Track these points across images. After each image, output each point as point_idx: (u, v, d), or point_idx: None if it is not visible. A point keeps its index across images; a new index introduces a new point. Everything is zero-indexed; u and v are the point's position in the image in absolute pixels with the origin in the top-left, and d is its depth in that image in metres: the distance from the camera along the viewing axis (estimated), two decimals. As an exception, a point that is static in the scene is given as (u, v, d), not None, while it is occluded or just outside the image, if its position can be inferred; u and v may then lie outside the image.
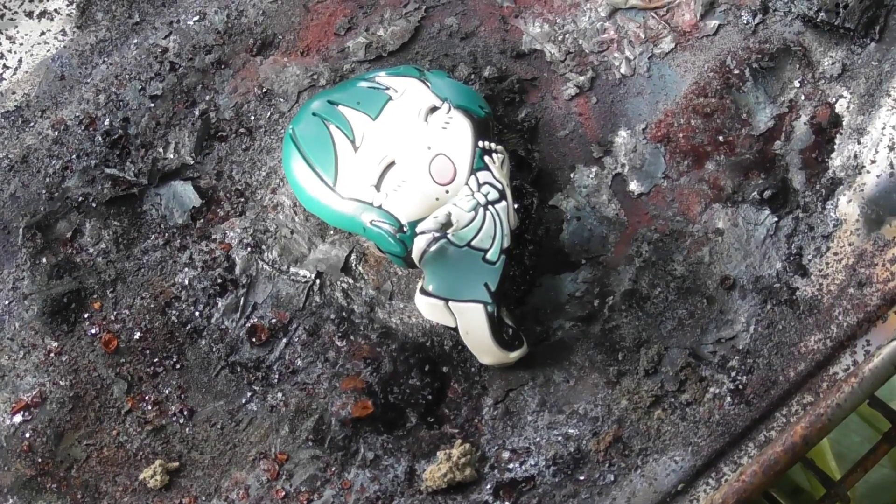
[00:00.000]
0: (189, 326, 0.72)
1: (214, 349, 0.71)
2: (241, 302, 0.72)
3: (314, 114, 0.70)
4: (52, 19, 0.76)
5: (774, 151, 0.74)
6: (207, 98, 0.74)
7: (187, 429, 0.70)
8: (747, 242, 0.73)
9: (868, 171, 0.73)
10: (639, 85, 0.75)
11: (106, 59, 0.75)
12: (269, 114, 0.75)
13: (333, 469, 0.70)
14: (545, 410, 0.71)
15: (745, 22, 0.76)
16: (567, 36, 0.76)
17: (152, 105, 0.74)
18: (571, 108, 0.75)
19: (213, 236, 0.73)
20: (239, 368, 0.71)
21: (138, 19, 0.76)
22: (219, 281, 0.72)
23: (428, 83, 0.70)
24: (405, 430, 0.71)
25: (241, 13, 0.76)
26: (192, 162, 0.74)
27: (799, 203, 0.74)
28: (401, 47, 0.75)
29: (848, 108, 0.74)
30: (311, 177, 0.69)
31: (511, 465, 0.70)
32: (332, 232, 0.73)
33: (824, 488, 0.79)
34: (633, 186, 0.74)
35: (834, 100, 0.75)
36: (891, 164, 0.73)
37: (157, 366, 0.71)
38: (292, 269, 0.73)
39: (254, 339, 0.72)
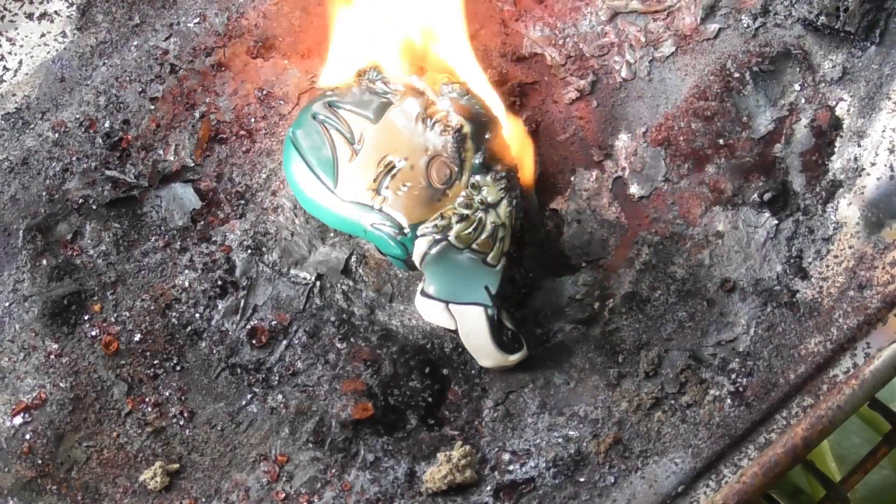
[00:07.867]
0: (189, 328, 0.72)
1: (215, 351, 0.71)
2: (242, 304, 0.72)
3: (314, 116, 0.70)
4: (52, 21, 0.76)
5: (775, 154, 0.74)
6: (207, 100, 0.74)
7: (187, 430, 0.70)
8: (747, 245, 0.73)
9: (868, 174, 0.73)
10: (639, 88, 0.75)
11: (106, 61, 0.75)
12: (269, 116, 0.75)
13: (333, 471, 0.70)
14: (545, 412, 0.71)
15: (745, 25, 0.76)
16: (567, 40, 0.76)
17: (152, 107, 0.74)
18: (572, 111, 0.75)
19: (214, 238, 0.73)
20: (239, 370, 0.71)
21: (138, 21, 0.76)
22: (219, 283, 0.72)
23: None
24: (405, 432, 0.71)
25: (242, 15, 0.76)
26: (192, 164, 0.74)
27: (799, 206, 0.74)
28: (401, 49, 0.75)
29: (848, 111, 0.74)
30: (311, 179, 0.69)
31: (511, 467, 0.70)
32: (332, 234, 0.73)
33: (824, 490, 0.79)
34: (634, 189, 0.74)
35: (834, 103, 0.74)
36: (891, 167, 0.73)
37: (158, 368, 0.71)
38: (292, 272, 0.73)
39: (254, 341, 0.72)
